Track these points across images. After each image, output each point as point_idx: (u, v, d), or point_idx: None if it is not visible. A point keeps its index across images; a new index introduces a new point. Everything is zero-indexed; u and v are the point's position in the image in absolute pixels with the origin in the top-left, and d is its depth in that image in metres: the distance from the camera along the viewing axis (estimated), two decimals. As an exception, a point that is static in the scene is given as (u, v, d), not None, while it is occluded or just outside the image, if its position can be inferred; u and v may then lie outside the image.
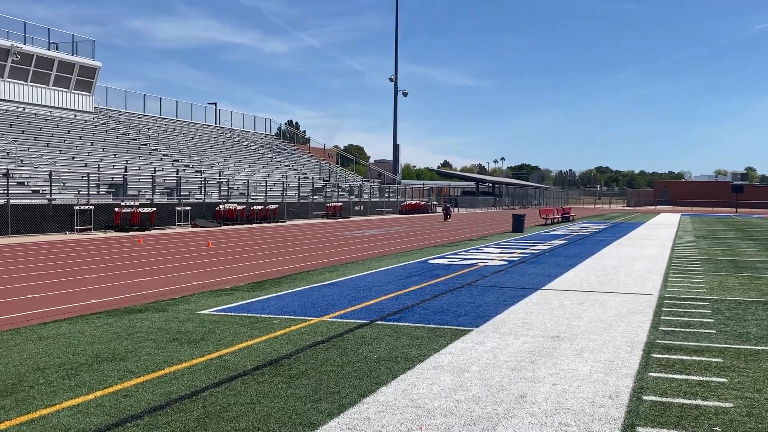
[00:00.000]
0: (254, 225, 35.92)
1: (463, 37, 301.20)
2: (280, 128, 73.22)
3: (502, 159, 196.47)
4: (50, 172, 28.77)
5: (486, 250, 21.34)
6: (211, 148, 51.68)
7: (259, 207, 38.45)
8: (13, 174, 28.23)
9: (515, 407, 5.58)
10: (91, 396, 5.73)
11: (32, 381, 6.16)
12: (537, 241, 25.23)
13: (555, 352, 7.52)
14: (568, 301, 11.16)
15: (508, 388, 6.12)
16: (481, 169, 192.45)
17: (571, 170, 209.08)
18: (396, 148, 70.36)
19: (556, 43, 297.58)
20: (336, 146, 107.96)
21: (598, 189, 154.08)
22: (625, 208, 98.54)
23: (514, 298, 11.40)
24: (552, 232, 31.37)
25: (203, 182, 37.81)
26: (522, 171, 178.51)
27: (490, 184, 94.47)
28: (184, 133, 52.80)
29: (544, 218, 40.11)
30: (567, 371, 6.71)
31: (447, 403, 5.65)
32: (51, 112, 42.02)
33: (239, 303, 10.59)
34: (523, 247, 22.66)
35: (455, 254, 19.57)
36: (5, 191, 25.99)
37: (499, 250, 21.08)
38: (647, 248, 22.50)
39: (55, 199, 27.68)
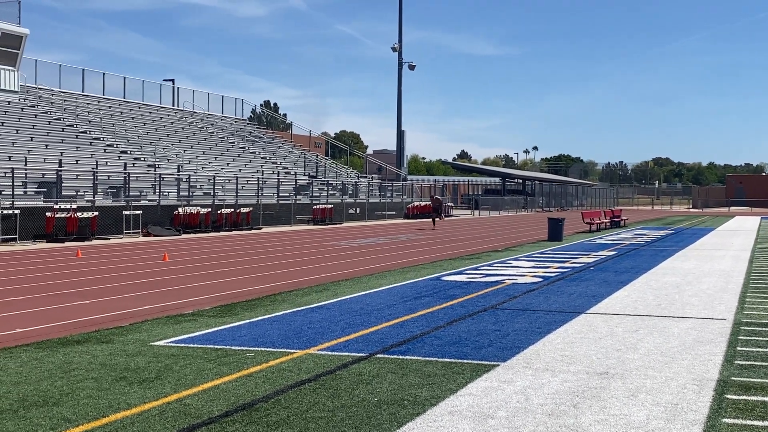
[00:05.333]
0: (222, 233, 35.96)
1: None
2: (254, 111, 73.52)
3: (535, 149, 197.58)
4: (-35, 167, 28.84)
5: (515, 263, 21.36)
6: (168, 136, 51.81)
7: (229, 210, 38.51)
8: None
9: (553, 463, 5.57)
10: (16, 451, 5.72)
11: (-58, 432, 6.15)
12: (579, 252, 25.25)
13: (603, 392, 7.51)
14: (620, 327, 11.15)
15: (545, 438, 6.10)
16: (509, 162, 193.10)
17: (621, 162, 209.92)
18: (400, 136, 70.51)
19: (600, 1, 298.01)
20: (325, 133, 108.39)
21: (656, 186, 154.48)
22: (691, 209, 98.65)
23: (550, 324, 11.39)
24: (598, 241, 31.40)
25: (158, 179, 37.87)
26: (560, 164, 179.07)
27: (520, 181, 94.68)
28: (133, 118, 52.95)
29: (587, 223, 40.15)
30: (618, 417, 6.69)
31: (467, 459, 5.64)
32: (-34, 91, 42.12)
33: (203, 332, 10.59)
34: (562, 259, 22.67)
35: (476, 269, 19.58)
36: None
37: (532, 264, 21.08)
38: (719, 261, 22.50)
39: (-30, 201, 27.71)
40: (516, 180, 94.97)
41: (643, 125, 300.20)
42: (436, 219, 43.51)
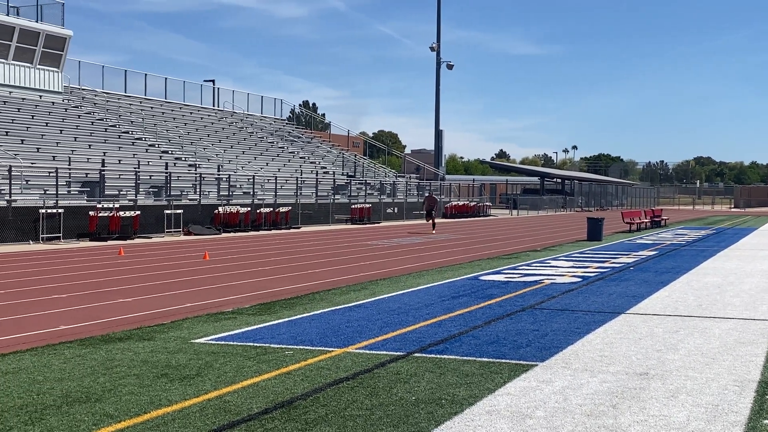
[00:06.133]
0: (261, 232, 36.19)
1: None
2: (293, 111, 73.86)
3: (574, 148, 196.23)
4: (10, 167, 29.30)
5: (554, 263, 21.25)
6: (208, 136, 52.22)
7: (268, 210, 38.73)
8: (-36, 170, 28.80)
9: (592, 463, 5.54)
10: (59, 445, 5.81)
11: (-12, 426, 6.27)
12: (619, 252, 25.05)
13: (643, 393, 7.45)
14: (660, 328, 11.05)
15: (583, 439, 6.07)
16: (547, 161, 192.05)
17: (662, 162, 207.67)
18: (439, 136, 70.41)
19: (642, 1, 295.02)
20: (363, 133, 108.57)
21: (698, 186, 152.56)
22: (732, 209, 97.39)
23: (590, 324, 11.32)
24: (638, 241, 31.14)
25: (198, 179, 38.19)
26: (599, 163, 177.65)
27: (559, 180, 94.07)
28: (174, 118, 53.46)
29: (628, 223, 39.82)
30: (658, 417, 6.64)
31: (505, 458, 5.62)
32: (11, 92, 42.81)
33: (243, 330, 10.66)
34: (602, 259, 22.51)
35: (514, 269, 19.51)
36: (-45, 191, 26.53)
37: (571, 264, 20.96)
38: (761, 261, 22.21)
39: (15, 200, 28.18)
40: (555, 179, 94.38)
41: (684, 124, 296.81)
42: (431, 219, 39.36)
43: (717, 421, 6.56)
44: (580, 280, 17.12)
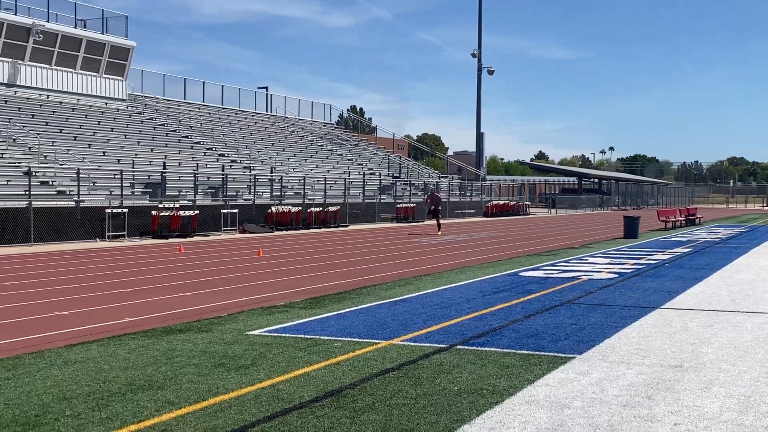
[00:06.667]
0: (311, 230, 36.36)
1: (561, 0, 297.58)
2: (341, 115, 74.02)
3: (611, 149, 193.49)
4: (78, 169, 29.79)
5: (591, 260, 21.05)
6: (262, 140, 52.59)
7: (317, 209, 38.90)
8: (35, 172, 29.36)
9: (627, 452, 5.49)
10: (124, 430, 5.91)
11: (58, 412, 6.39)
12: (654, 249, 24.74)
13: (677, 384, 7.36)
14: (694, 322, 10.90)
15: (619, 428, 6.02)
16: (585, 162, 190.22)
17: (696, 162, 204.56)
18: (480, 138, 70.15)
19: (674, 2, 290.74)
20: (408, 136, 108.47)
21: (731, 185, 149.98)
22: (765, 207, 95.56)
23: (626, 318, 11.20)
24: (673, 239, 30.71)
25: (253, 180, 38.48)
26: (635, 163, 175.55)
27: (596, 180, 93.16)
28: (230, 123, 53.92)
29: (663, 221, 39.29)
30: (692, 408, 6.55)
31: (543, 446, 5.59)
32: (78, 100, 43.53)
33: (295, 322, 10.73)
34: (638, 256, 22.25)
35: (553, 265, 19.37)
36: (27, 192, 27.04)
37: (608, 261, 20.76)
38: (794, 258, 21.77)
39: (83, 201, 28.64)
40: (592, 179, 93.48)
41: (718, 125, 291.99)
42: (438, 220, 36.00)
43: (749, 412, 6.46)
44: (616, 276, 16.94)
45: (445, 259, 21.04)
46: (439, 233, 33.63)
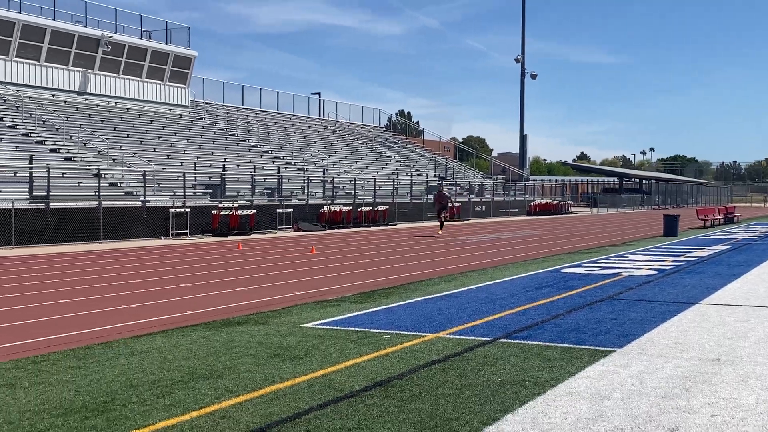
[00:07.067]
0: (362, 228, 36.46)
1: (601, 6, 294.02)
2: (390, 119, 74.08)
3: (651, 150, 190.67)
4: (144, 172, 30.27)
5: (632, 257, 20.78)
6: (315, 143, 52.87)
7: (367, 208, 38.99)
8: (104, 174, 29.90)
9: (665, 442, 5.41)
10: (186, 416, 5.99)
11: (125, 399, 6.50)
12: (694, 247, 24.33)
13: (714, 377, 7.24)
14: (731, 317, 10.70)
15: (657, 419, 5.94)
16: (626, 162, 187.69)
17: (735, 162, 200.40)
18: (523, 140, 69.61)
19: (710, 5, 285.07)
20: (453, 138, 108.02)
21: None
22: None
23: (665, 313, 11.04)
24: (712, 236, 30.16)
25: (306, 181, 38.72)
26: (675, 164, 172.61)
27: (637, 180, 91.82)
28: (285, 128, 54.30)
29: (702, 219, 38.61)
30: (728, 400, 6.44)
31: (583, 435, 5.54)
32: (144, 106, 44.22)
33: (346, 316, 10.78)
34: (677, 253, 21.90)
35: (594, 262, 19.17)
36: (96, 193, 27.56)
37: (648, 258, 20.47)
38: (832, 255, 21.23)
39: (149, 201, 29.08)
40: (633, 179, 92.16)
41: (757, 126, 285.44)
42: (445, 220, 31.81)
43: (786, 406, 6.33)
44: (656, 272, 16.70)
45: (490, 256, 20.95)
46: (440, 232, 30.54)
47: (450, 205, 33.05)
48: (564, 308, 11.49)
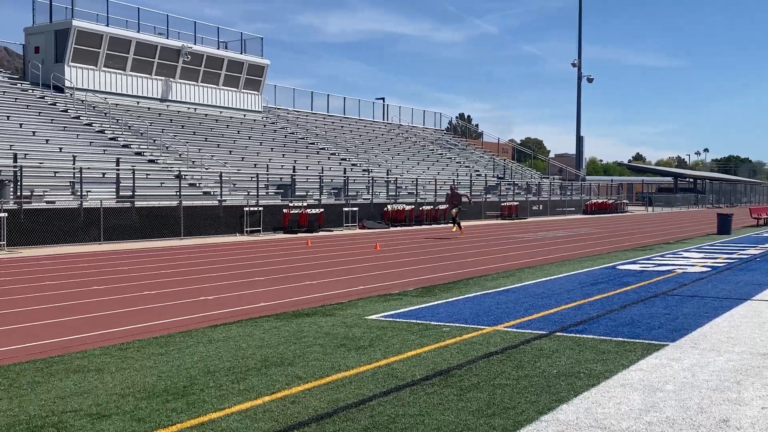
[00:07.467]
0: (423, 226, 36.44)
1: (656, 11, 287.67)
2: (450, 122, 73.84)
3: (705, 151, 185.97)
4: (221, 173, 30.80)
5: (685, 254, 20.32)
6: (379, 145, 53.02)
7: (428, 207, 38.95)
8: (184, 176, 30.54)
9: (717, 433, 5.31)
10: (259, 401, 6.09)
11: (203, 384, 6.65)
12: (747, 245, 23.66)
13: (765, 371, 7.05)
14: (785, 314, 10.40)
15: (709, 410, 5.82)
16: (680, 163, 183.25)
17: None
18: (580, 141, 68.63)
19: (764, 8, 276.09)
20: (512, 140, 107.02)
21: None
22: None
23: (717, 309, 10.78)
24: (765, 234, 29.28)
25: (371, 181, 38.88)
26: (729, 164, 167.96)
27: (691, 180, 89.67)
28: (351, 131, 54.59)
29: (755, 218, 37.54)
30: (781, 395, 6.27)
31: (636, 425, 5.47)
32: (221, 112, 44.97)
33: (408, 309, 10.80)
34: (730, 251, 21.34)
35: (649, 259, 18.81)
36: (177, 193, 28.16)
37: (702, 255, 19.99)
38: None
39: (225, 200, 29.59)
40: (687, 179, 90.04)
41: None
42: (457, 220, 28.41)
43: (839, 400, 6.13)
44: (709, 269, 16.31)
45: (546, 253, 20.73)
46: (454, 229, 28.17)
47: (462, 205, 28.80)
48: (618, 303, 11.32)
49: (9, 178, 23.97)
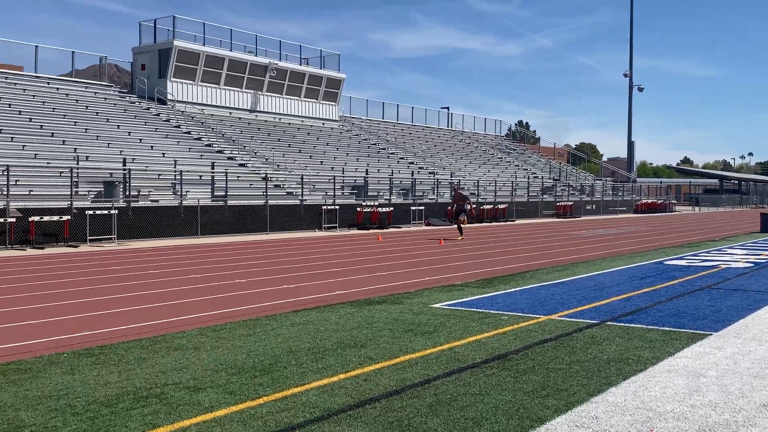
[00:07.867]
0: (484, 224, 36.17)
1: (703, 23, 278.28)
2: (509, 129, 72.98)
3: (750, 154, 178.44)
4: (302, 175, 31.22)
5: (730, 251, 19.66)
6: (444, 150, 52.85)
7: (489, 206, 38.63)
8: (270, 178, 31.05)
9: (756, 416, 5.14)
10: (335, 378, 6.18)
11: (285, 362, 6.78)
12: (790, 243, 22.74)
13: (807, 362, 6.79)
14: (826, 308, 9.97)
15: (749, 395, 5.65)
16: (726, 166, 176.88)
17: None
18: (631, 146, 66.98)
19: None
20: (567, 145, 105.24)
21: None
22: None
23: (759, 302, 10.41)
24: (809, 233, 28.07)
25: (436, 183, 38.80)
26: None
27: (735, 182, 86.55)
28: (419, 137, 54.56)
29: (799, 217, 35.94)
30: (821, 384, 6.03)
31: (680, 408, 5.34)
32: (302, 121, 45.56)
33: (469, 298, 10.77)
34: (774, 248, 20.54)
35: (695, 255, 18.26)
36: (264, 193, 28.66)
37: (745, 252, 19.31)
38: None
39: (305, 200, 29.99)
40: (732, 181, 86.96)
41: None
42: (463, 224, 24.52)
43: None
44: (752, 265, 15.74)
45: (598, 249, 20.34)
46: (460, 238, 23.89)
47: (468, 207, 24.68)
48: (666, 296, 11.05)
49: (119, 179, 24.82)
